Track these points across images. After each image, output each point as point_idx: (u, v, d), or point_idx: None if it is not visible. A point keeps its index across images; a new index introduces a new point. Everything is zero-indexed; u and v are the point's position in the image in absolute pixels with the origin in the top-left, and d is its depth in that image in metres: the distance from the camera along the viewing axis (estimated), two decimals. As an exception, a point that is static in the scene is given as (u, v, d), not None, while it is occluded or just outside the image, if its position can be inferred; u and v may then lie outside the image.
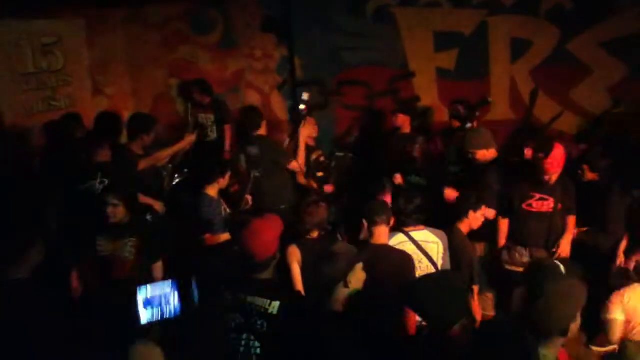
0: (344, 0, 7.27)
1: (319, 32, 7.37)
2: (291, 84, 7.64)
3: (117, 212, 4.11)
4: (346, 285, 2.85)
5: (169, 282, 3.08)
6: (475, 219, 4.31)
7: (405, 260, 3.69)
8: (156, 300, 3.01)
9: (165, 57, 7.62)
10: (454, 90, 6.75)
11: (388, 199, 4.65)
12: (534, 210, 4.64)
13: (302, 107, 5.86)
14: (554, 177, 4.52)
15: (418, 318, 3.28)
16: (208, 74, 7.47)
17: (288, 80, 7.66)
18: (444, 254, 3.98)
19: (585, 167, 4.98)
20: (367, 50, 7.36)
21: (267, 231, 3.00)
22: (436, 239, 3.99)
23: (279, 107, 7.51)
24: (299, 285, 3.84)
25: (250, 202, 5.37)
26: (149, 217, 5.18)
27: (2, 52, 6.28)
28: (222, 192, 4.95)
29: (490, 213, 4.62)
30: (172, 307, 3.03)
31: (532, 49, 6.78)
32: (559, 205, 4.62)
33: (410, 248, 3.88)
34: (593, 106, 6.64)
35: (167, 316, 3.03)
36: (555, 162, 4.44)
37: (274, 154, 5.61)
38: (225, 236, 4.61)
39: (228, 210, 4.88)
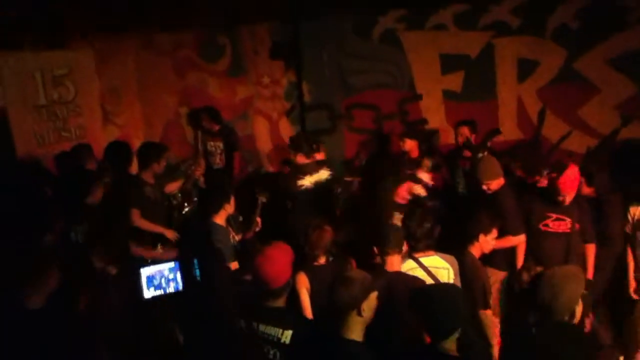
0: (351, 25, 7.34)
1: (327, 57, 7.47)
2: (299, 109, 7.71)
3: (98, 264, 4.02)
4: (359, 314, 2.83)
5: (171, 262, 3.31)
6: (486, 243, 4.27)
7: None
8: (159, 278, 3.27)
9: (174, 85, 7.70)
10: (461, 112, 6.77)
11: (404, 191, 4.84)
12: (550, 230, 4.62)
13: None
14: (568, 198, 4.51)
15: None
16: (217, 101, 7.55)
17: (296, 106, 7.73)
18: (454, 279, 3.91)
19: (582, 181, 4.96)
20: (374, 74, 7.43)
21: (281, 259, 3.02)
22: (446, 265, 3.92)
23: (287, 132, 7.54)
24: (308, 312, 3.81)
25: (260, 225, 5.31)
26: (160, 247, 5.21)
27: (16, 84, 6.38)
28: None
29: (513, 241, 4.62)
30: (174, 284, 3.30)
31: (538, 68, 6.79)
32: (576, 225, 4.60)
33: (420, 274, 3.83)
34: (602, 124, 6.62)
35: (170, 291, 3.29)
36: (569, 181, 4.44)
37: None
38: (235, 264, 4.59)
39: (237, 238, 4.87)
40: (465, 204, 5.10)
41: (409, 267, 3.89)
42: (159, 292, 3.25)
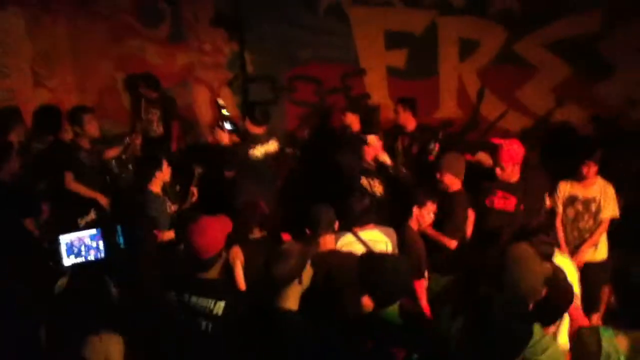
0: (297, -4, 7.23)
1: (270, 27, 7.34)
2: (242, 79, 7.57)
3: None
4: (300, 282, 2.85)
5: (93, 230, 3.23)
6: (421, 216, 4.37)
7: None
8: (80, 246, 3.20)
9: (111, 50, 7.41)
10: (404, 88, 6.81)
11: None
12: (495, 207, 4.70)
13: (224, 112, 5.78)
14: (508, 172, 4.58)
15: None
16: (156, 68, 7.31)
17: (239, 76, 7.58)
18: (392, 252, 3.98)
19: None
20: (318, 47, 7.36)
21: (214, 228, 2.95)
22: (385, 238, 3.98)
23: (228, 102, 7.38)
24: (242, 284, 3.79)
25: (196, 195, 5.18)
26: (93, 213, 5.08)
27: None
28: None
29: (445, 241, 4.59)
30: (97, 252, 3.23)
31: (479, 49, 6.89)
32: (521, 206, 4.65)
33: (358, 248, 3.84)
34: (537, 106, 6.80)
35: (92, 259, 3.21)
36: (507, 154, 4.54)
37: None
38: (170, 234, 4.52)
39: (173, 208, 4.78)
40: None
41: (347, 240, 3.91)
42: (79, 260, 3.16)
